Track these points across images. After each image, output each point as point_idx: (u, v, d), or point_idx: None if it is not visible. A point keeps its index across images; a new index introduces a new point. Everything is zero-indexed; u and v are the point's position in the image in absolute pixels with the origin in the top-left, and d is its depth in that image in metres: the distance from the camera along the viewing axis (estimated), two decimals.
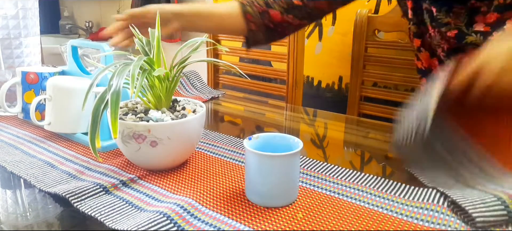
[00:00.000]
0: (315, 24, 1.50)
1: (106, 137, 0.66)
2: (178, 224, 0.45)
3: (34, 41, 1.17)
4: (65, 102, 0.68)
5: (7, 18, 1.08)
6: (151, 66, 0.57)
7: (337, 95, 1.48)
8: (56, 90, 0.68)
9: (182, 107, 0.61)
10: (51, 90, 0.68)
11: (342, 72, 1.44)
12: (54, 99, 0.68)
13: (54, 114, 0.69)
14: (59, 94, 0.68)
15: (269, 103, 1.06)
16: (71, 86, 0.68)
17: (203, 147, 0.69)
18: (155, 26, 0.60)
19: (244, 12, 0.85)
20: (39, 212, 0.50)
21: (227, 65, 0.66)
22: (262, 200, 0.50)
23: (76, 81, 0.71)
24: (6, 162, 0.62)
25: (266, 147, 0.52)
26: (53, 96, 0.68)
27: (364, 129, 0.72)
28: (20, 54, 1.12)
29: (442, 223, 0.46)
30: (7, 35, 1.08)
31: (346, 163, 0.65)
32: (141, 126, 0.53)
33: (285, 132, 0.76)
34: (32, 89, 0.78)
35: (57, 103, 0.69)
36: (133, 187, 0.55)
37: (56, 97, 0.68)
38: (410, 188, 0.54)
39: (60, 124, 0.70)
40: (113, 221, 0.46)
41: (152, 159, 0.57)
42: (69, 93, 0.68)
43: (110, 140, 0.67)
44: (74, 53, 0.80)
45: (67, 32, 2.62)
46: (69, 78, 0.74)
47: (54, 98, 0.68)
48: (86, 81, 0.70)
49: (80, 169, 0.60)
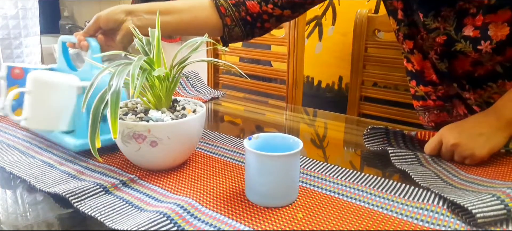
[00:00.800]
0: (315, 24, 1.50)
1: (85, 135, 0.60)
2: (178, 224, 0.45)
3: (34, 41, 1.17)
4: (43, 96, 0.63)
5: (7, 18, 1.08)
6: (151, 66, 0.57)
7: (337, 95, 1.48)
8: (35, 83, 0.63)
9: (182, 107, 0.61)
10: (30, 83, 0.63)
11: (342, 72, 1.44)
12: (33, 93, 0.63)
13: (32, 108, 0.64)
14: (38, 87, 0.63)
15: (269, 103, 1.06)
16: (51, 80, 0.63)
17: (203, 147, 0.69)
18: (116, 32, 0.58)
19: (217, 5, 0.79)
20: (39, 212, 0.50)
21: (227, 65, 0.66)
22: (262, 200, 0.50)
23: (58, 75, 0.66)
24: (5, 162, 0.62)
25: (266, 147, 0.52)
26: (31, 90, 0.63)
27: (364, 129, 0.72)
28: (20, 54, 1.12)
29: (442, 224, 0.46)
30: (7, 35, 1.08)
31: (346, 163, 0.65)
32: (141, 126, 0.53)
33: (285, 132, 0.76)
34: (16, 85, 0.74)
35: (35, 97, 0.63)
36: (133, 187, 0.55)
37: (35, 90, 0.63)
38: (410, 188, 0.54)
39: (37, 120, 0.64)
40: (113, 221, 0.46)
41: (152, 159, 0.57)
42: (49, 87, 0.63)
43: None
44: (64, 50, 0.76)
45: (67, 32, 2.62)
46: (51, 72, 0.68)
47: (33, 91, 0.63)
48: (70, 77, 0.66)
49: (80, 169, 0.60)
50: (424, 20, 0.72)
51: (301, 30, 1.24)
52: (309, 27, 1.51)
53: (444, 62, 0.76)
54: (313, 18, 1.49)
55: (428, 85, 0.84)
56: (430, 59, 0.80)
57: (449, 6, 0.69)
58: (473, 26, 0.67)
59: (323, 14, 1.46)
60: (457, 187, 0.54)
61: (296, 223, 0.46)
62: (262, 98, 1.12)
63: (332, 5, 1.43)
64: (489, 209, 0.45)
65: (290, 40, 1.25)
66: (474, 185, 0.54)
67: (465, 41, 0.69)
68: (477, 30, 0.67)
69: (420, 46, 0.80)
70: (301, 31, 1.24)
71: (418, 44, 0.80)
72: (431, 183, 0.55)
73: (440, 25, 0.71)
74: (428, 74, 0.82)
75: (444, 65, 0.76)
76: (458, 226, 0.45)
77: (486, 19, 0.65)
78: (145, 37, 0.61)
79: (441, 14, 0.70)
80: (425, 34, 0.75)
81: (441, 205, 0.49)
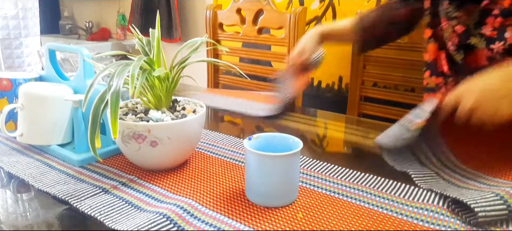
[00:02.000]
0: (315, 24, 1.50)
1: (84, 148, 0.62)
2: (178, 224, 0.45)
3: (34, 41, 1.17)
4: (39, 112, 0.63)
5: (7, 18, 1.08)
6: (151, 66, 0.57)
7: (337, 95, 1.48)
8: (28, 98, 0.62)
9: (182, 107, 0.61)
10: (23, 98, 0.63)
11: (342, 72, 1.44)
12: (27, 108, 0.62)
13: (27, 124, 0.63)
14: (32, 102, 0.62)
15: None
16: (44, 94, 0.63)
17: (203, 147, 0.69)
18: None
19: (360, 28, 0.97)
20: (39, 212, 0.50)
21: (227, 65, 0.66)
22: (262, 200, 0.50)
23: (51, 88, 0.65)
24: (4, 162, 0.62)
25: (266, 147, 0.52)
26: (25, 105, 0.62)
27: (364, 129, 0.72)
28: (20, 54, 1.12)
29: (442, 224, 0.46)
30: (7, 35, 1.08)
31: (346, 163, 0.65)
32: (141, 126, 0.53)
33: (285, 132, 0.76)
34: (5, 97, 0.70)
35: (30, 113, 0.63)
36: (133, 187, 0.54)
37: (28, 106, 0.62)
38: (410, 188, 0.54)
39: (33, 136, 0.64)
40: (113, 221, 0.46)
41: (152, 159, 0.57)
42: (43, 102, 0.62)
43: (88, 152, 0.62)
44: (51, 57, 0.73)
45: (67, 32, 2.62)
46: (43, 85, 0.67)
47: (27, 107, 0.62)
48: (62, 87, 0.66)
49: (80, 169, 0.60)
50: (447, 7, 0.75)
51: (301, 30, 1.24)
52: (309, 27, 1.51)
53: (460, 53, 0.78)
54: (313, 18, 1.49)
55: (439, 76, 0.85)
56: (447, 49, 0.81)
57: (475, 3, 0.71)
58: (492, 26, 0.70)
59: (323, 14, 1.46)
60: (459, 186, 0.54)
61: (296, 223, 0.46)
62: None
63: (332, 5, 1.43)
64: (492, 209, 0.45)
65: (290, 40, 1.25)
66: (477, 184, 0.54)
67: (480, 37, 0.71)
68: (495, 31, 0.69)
69: (439, 36, 0.83)
70: (301, 32, 1.24)
71: (437, 34, 0.83)
72: (433, 184, 0.55)
73: (462, 15, 0.73)
74: (440, 65, 0.84)
75: (460, 57, 0.78)
76: (458, 226, 0.45)
77: (506, 22, 0.67)
78: (145, 37, 0.62)
79: (465, 6, 0.73)
80: (446, 24, 0.77)
81: (441, 205, 0.49)
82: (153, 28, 0.62)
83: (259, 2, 1.30)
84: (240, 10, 1.36)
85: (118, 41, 2.37)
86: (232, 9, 1.37)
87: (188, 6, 2.00)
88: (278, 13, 1.27)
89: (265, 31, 1.35)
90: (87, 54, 0.66)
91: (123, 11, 2.35)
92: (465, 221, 0.46)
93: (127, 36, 2.39)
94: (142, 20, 2.10)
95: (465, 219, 0.46)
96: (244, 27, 1.36)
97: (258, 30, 1.33)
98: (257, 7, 1.31)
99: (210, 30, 1.43)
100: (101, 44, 2.28)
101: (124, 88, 0.51)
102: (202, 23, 1.94)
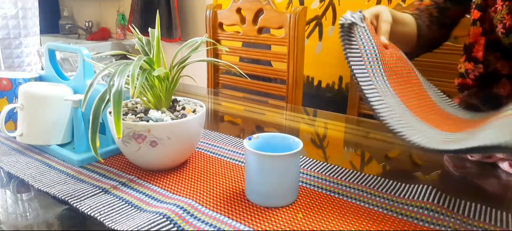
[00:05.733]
0: (315, 24, 1.50)
1: (84, 148, 0.62)
2: (178, 224, 0.45)
3: (34, 41, 1.17)
4: (38, 111, 0.63)
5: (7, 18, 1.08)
6: (151, 66, 0.57)
7: (337, 95, 1.48)
8: (28, 98, 0.62)
9: (182, 107, 0.61)
10: (23, 98, 0.63)
11: (342, 72, 1.44)
12: (26, 108, 0.63)
13: (26, 124, 0.63)
14: (32, 102, 0.63)
15: (269, 103, 1.06)
16: (44, 94, 0.63)
17: (203, 147, 0.69)
18: None
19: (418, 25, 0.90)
20: (39, 212, 0.50)
21: (227, 65, 0.66)
22: (262, 200, 0.50)
23: (50, 88, 0.65)
24: (3, 162, 0.62)
25: (266, 147, 0.52)
26: (25, 105, 0.63)
27: (364, 129, 0.72)
28: (20, 54, 1.12)
29: (442, 224, 0.46)
30: (7, 35, 1.08)
31: (346, 163, 0.65)
32: (141, 126, 0.53)
33: (285, 132, 0.76)
34: (4, 97, 0.71)
35: (30, 112, 0.63)
36: (133, 187, 0.54)
37: (28, 105, 0.63)
38: (410, 188, 0.54)
39: (33, 135, 0.64)
40: (112, 221, 0.46)
41: (152, 159, 0.57)
42: (42, 101, 0.63)
43: (88, 152, 0.62)
44: (51, 57, 0.73)
45: (67, 32, 2.62)
46: (43, 84, 0.68)
47: (26, 106, 0.63)
48: (62, 87, 0.66)
49: (79, 169, 0.60)
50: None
51: (301, 30, 1.24)
52: (309, 27, 1.51)
53: (509, 38, 0.77)
54: (313, 18, 1.49)
55: (471, 61, 0.85)
56: (496, 33, 0.81)
57: None
58: None
59: (323, 14, 1.46)
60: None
61: (296, 223, 0.46)
62: (262, 98, 1.12)
63: (332, 5, 1.43)
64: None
65: (290, 40, 1.25)
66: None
67: None
68: None
69: (488, 19, 0.82)
70: (301, 31, 1.24)
71: (487, 17, 0.82)
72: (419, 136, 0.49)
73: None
74: (476, 50, 0.84)
75: (509, 40, 0.78)
76: (458, 226, 0.45)
77: None
78: (145, 37, 0.62)
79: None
80: (502, 5, 0.76)
81: (441, 205, 0.49)
82: (153, 27, 0.62)
83: (259, 1, 1.30)
84: (240, 10, 1.36)
85: (118, 40, 2.37)
86: (232, 8, 1.37)
87: (188, 6, 2.00)
88: (278, 12, 1.27)
89: (265, 31, 1.35)
90: (86, 54, 0.66)
91: (123, 11, 2.35)
92: (465, 221, 0.46)
93: (127, 35, 2.39)
94: (142, 19, 2.10)
95: (465, 219, 0.46)
96: (244, 26, 1.36)
97: (258, 29, 1.33)
98: (257, 7, 1.31)
99: (210, 30, 1.43)
100: (101, 44, 2.28)
101: (124, 88, 0.51)
102: (202, 22, 1.94)
